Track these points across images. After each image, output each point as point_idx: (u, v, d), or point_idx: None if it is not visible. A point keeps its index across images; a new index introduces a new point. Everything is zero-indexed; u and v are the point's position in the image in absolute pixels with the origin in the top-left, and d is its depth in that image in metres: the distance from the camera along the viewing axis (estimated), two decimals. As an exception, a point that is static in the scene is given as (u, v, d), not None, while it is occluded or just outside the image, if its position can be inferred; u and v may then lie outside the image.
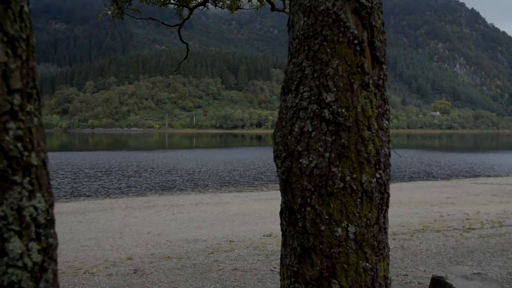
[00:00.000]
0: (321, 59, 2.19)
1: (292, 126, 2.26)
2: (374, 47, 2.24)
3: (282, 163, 2.30)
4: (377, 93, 2.25)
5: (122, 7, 10.75)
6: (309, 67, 2.22)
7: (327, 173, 2.15)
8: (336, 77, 2.16)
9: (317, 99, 2.19)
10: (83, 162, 42.58)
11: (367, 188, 2.18)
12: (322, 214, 2.15)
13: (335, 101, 2.16)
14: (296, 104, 2.25)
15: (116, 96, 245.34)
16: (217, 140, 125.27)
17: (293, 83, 2.30)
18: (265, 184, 28.55)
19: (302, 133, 2.20)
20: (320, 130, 2.17)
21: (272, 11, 11.75)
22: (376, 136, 2.21)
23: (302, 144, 2.20)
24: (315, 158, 2.17)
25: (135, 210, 18.03)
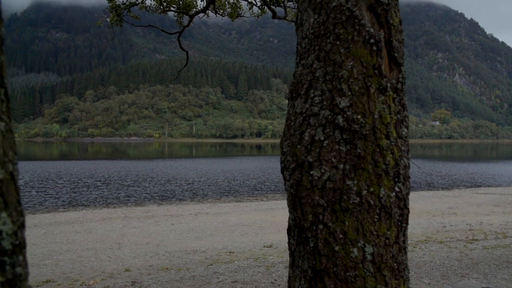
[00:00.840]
0: (333, 60, 1.98)
1: (302, 134, 2.04)
2: (392, 47, 2.04)
3: (290, 175, 2.08)
4: (396, 98, 2.04)
5: (121, 14, 10.58)
6: (320, 69, 2.01)
7: (341, 186, 1.93)
8: (350, 80, 1.95)
9: (329, 104, 1.97)
10: (82, 171, 42.32)
11: (385, 203, 1.96)
12: (336, 233, 1.93)
13: (349, 107, 1.95)
14: (306, 109, 2.04)
15: (116, 105, 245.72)
16: (216, 149, 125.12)
17: (302, 87, 2.09)
18: (265, 194, 28.31)
19: (313, 142, 1.99)
20: (333, 139, 1.96)
21: (273, 19, 11.59)
22: (395, 145, 2.00)
23: (313, 154, 1.99)
24: (327, 170, 1.95)
25: (134, 220, 17.83)
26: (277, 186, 32.52)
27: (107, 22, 11.14)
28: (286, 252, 10.95)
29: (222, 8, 12.22)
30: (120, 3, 10.53)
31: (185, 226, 16.01)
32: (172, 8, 11.67)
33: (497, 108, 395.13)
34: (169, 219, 17.79)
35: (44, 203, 23.70)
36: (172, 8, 11.63)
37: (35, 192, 27.64)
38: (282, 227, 15.49)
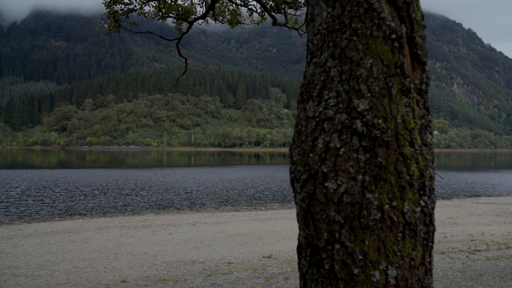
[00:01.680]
0: (350, 58, 1.77)
1: (315, 141, 1.82)
2: (415, 44, 1.82)
3: (302, 187, 1.85)
4: (420, 101, 1.82)
5: (119, 21, 10.39)
6: (335, 67, 1.79)
7: (360, 200, 1.71)
8: (370, 79, 1.74)
9: (346, 107, 1.75)
10: (79, 180, 42.09)
11: (410, 219, 1.73)
12: (354, 253, 1.70)
13: (369, 110, 1.73)
14: (320, 113, 1.82)
15: (114, 114, 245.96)
16: (215, 158, 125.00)
17: (314, 88, 1.86)
18: (264, 203, 28.12)
19: (328, 150, 1.77)
20: (351, 146, 1.74)
21: (273, 26, 11.42)
22: (420, 153, 1.77)
23: (327, 164, 1.76)
24: (344, 182, 1.73)
25: (131, 229, 17.64)
26: (276, 195, 32.33)
27: (105, 29, 10.96)
28: (286, 263, 10.78)
29: (221, 15, 12.05)
30: (118, 9, 10.35)
31: (183, 236, 15.86)
32: (171, 15, 11.51)
33: (495, 117, 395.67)
34: (166, 229, 17.62)
35: (41, 212, 23.44)
36: (171, 14, 11.46)
37: (32, 200, 27.38)
38: (281, 237, 15.35)
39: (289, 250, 12.69)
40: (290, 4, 11.41)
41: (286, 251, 12.52)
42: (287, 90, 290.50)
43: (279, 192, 34.34)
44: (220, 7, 11.91)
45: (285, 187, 37.55)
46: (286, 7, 11.49)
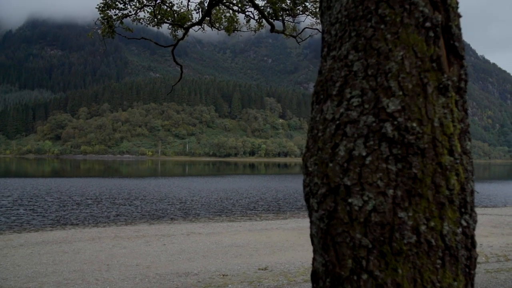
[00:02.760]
0: (377, 49, 1.48)
1: (335, 148, 1.52)
2: (451, 34, 1.54)
3: (319, 204, 1.55)
4: (459, 101, 1.53)
5: (113, 26, 10.13)
6: (359, 61, 1.50)
7: (391, 220, 1.41)
8: (401, 75, 1.45)
9: (373, 108, 1.46)
10: (73, 189, 41.68)
11: (450, 242, 1.43)
12: (385, 285, 1.39)
13: (401, 111, 1.44)
14: (341, 115, 1.52)
15: (109, 123, 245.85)
16: (210, 168, 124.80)
17: (334, 85, 1.57)
18: (259, 214, 27.86)
19: (351, 159, 1.47)
20: (379, 155, 1.44)
21: (271, 32, 11.19)
22: (460, 163, 1.47)
23: (351, 176, 1.47)
24: (372, 198, 1.43)
25: (124, 240, 17.34)
26: (271, 205, 32.06)
27: (99, 35, 10.69)
28: (282, 275, 10.56)
29: (218, 21, 11.82)
30: (112, 14, 10.09)
31: (177, 247, 15.58)
32: (167, 21, 11.26)
33: (489, 128, 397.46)
34: (160, 239, 17.33)
35: (32, 222, 23.03)
36: (167, 21, 11.21)
37: (23, 210, 26.96)
38: (277, 248, 15.13)
39: (285, 261, 12.48)
40: (288, 11, 11.20)
41: (282, 263, 12.31)
42: (282, 100, 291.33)
43: (274, 202, 34.07)
44: (216, 14, 11.68)
45: (280, 197, 37.28)
46: (284, 14, 11.27)
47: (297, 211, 29.39)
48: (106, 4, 9.60)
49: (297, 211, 29.39)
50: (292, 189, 46.31)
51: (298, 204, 32.97)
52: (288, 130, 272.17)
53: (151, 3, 10.39)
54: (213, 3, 9.83)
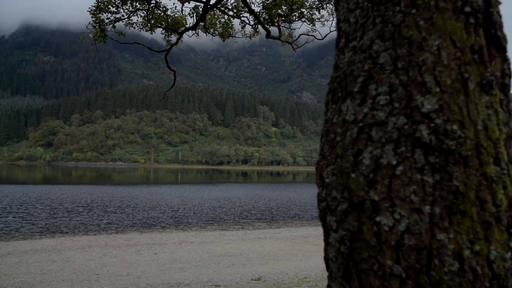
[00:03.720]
0: (408, 38, 1.23)
1: (358, 155, 1.26)
2: (492, 22, 1.30)
3: (339, 222, 1.28)
4: (503, 100, 1.28)
5: (105, 30, 9.88)
6: (386, 52, 1.25)
7: (428, 243, 1.14)
8: (438, 68, 1.20)
9: (405, 107, 1.21)
10: (63, 196, 41.26)
11: (498, 270, 1.15)
12: (424, 324, 1.15)
13: (439, 111, 1.18)
14: (365, 116, 1.26)
15: (102, 130, 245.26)
16: (202, 176, 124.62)
17: (355, 81, 1.32)
18: (251, 223, 27.64)
19: (379, 169, 1.21)
20: (413, 163, 1.18)
21: (267, 38, 10.99)
22: (507, 175, 1.23)
23: (379, 189, 1.20)
24: (405, 216, 1.17)
25: (115, 248, 17.08)
26: (264, 214, 31.81)
27: (90, 39, 10.44)
28: (275, 286, 10.38)
29: (212, 27, 11.61)
30: (104, 18, 9.85)
31: (169, 256, 15.34)
32: (160, 26, 11.03)
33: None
34: (152, 248, 17.09)
35: (21, 230, 22.64)
36: (160, 25, 10.99)
37: (12, 217, 26.54)
38: (270, 258, 14.94)
39: (278, 272, 12.30)
40: (284, 17, 11.01)
41: (276, 273, 12.13)
42: (276, 109, 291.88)
43: (266, 211, 33.82)
44: (211, 19, 11.47)
45: (272, 206, 37.04)
46: (280, 20, 11.08)
47: (290, 220, 29.17)
48: (98, 8, 9.37)
49: (290, 220, 29.17)
50: (284, 197, 46.11)
51: (291, 213, 32.74)
52: (281, 139, 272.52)
53: (144, 7, 10.17)
54: (208, 8, 9.62)
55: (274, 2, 10.32)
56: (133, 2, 9.67)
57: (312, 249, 16.93)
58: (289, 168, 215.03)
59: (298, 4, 10.87)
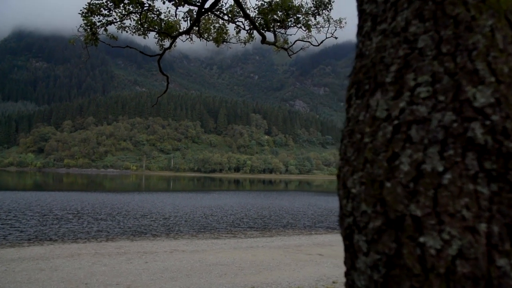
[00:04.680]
0: (454, 17, 1.00)
1: (394, 160, 1.00)
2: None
3: (371, 243, 1.01)
4: None
5: (96, 33, 9.64)
6: (426, 34, 1.01)
7: (486, 271, 0.89)
8: (492, 53, 0.97)
9: (452, 101, 0.96)
10: (54, 203, 40.82)
11: None
12: None
13: (495, 105, 0.94)
14: (401, 112, 1.01)
15: (93, 136, 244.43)
16: (194, 183, 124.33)
17: (387, 70, 1.07)
18: (243, 231, 27.41)
19: (421, 177, 0.95)
20: (464, 170, 0.93)
21: (262, 44, 10.80)
22: None
23: (422, 202, 0.94)
24: (456, 236, 0.90)
25: (105, 257, 16.79)
26: (256, 222, 31.57)
27: (82, 42, 10.20)
28: (268, 297, 10.15)
29: (207, 32, 11.40)
30: (96, 21, 9.61)
31: (160, 265, 15.08)
32: (153, 29, 10.80)
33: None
34: (142, 257, 16.81)
35: (8, 237, 22.22)
36: (154, 29, 10.76)
37: (0, 224, 26.12)
38: (263, 267, 14.72)
39: (271, 282, 12.09)
40: (279, 22, 10.82)
41: (269, 283, 11.93)
42: (268, 117, 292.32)
43: (259, 219, 33.58)
44: (205, 24, 11.27)
45: (265, 214, 36.79)
46: (275, 25, 10.90)
47: (282, 228, 28.95)
48: (89, 10, 9.13)
49: (282, 228, 28.95)
50: (277, 206, 45.89)
51: (283, 221, 32.50)
52: (274, 147, 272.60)
53: (137, 10, 9.94)
54: (202, 12, 9.41)
55: (270, 7, 10.13)
56: (126, 5, 9.43)
57: (305, 258, 16.73)
58: (281, 176, 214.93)
59: (294, 10, 10.70)
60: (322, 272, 13.93)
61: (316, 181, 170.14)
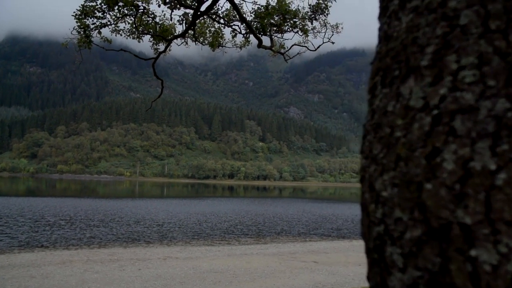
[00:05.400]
0: None
1: (434, 156, 0.80)
2: None
3: (409, 257, 0.77)
4: None
5: (90, 36, 9.46)
6: (469, 9, 0.84)
7: None
8: None
9: (505, 86, 0.79)
10: (46, 209, 40.47)
11: None
12: None
13: None
14: (442, 99, 0.82)
15: (87, 142, 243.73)
16: (188, 190, 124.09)
17: (421, 53, 0.90)
18: (237, 238, 27.25)
19: (469, 176, 0.77)
20: None
21: (258, 48, 10.67)
22: None
23: (471, 207, 0.75)
24: None
25: (97, 264, 16.61)
26: (250, 229, 31.39)
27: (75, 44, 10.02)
28: (263, 305, 9.99)
29: (202, 36, 11.26)
30: (89, 23, 9.44)
31: (153, 272, 14.92)
32: (148, 33, 10.64)
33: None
34: (135, 264, 16.64)
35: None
36: (148, 32, 10.60)
37: (-9, 230, 25.84)
38: (257, 275, 14.59)
39: (266, 290, 11.94)
40: (276, 26, 10.70)
41: (263, 292, 11.75)
42: (263, 124, 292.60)
43: (253, 226, 33.41)
44: (201, 28, 11.13)
45: (259, 221, 36.61)
46: (272, 29, 10.77)
47: (276, 235, 28.78)
48: (83, 12, 8.96)
49: (276, 235, 28.78)
50: (271, 212, 45.73)
51: (277, 228, 32.32)
52: (268, 153, 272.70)
53: (132, 13, 9.78)
54: (198, 15, 9.27)
55: (266, 11, 10.01)
56: (121, 7, 9.27)
57: (300, 265, 16.59)
58: (275, 183, 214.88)
59: (291, 14, 10.59)
60: (317, 280, 13.79)
61: (310, 188, 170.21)
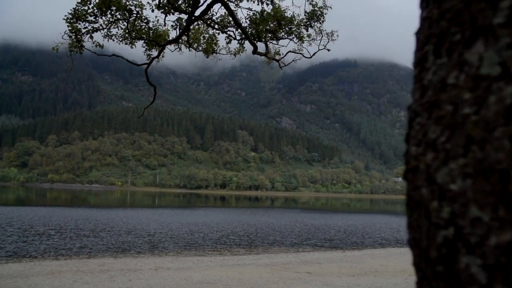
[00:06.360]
0: None
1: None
2: None
3: (494, 270, 0.60)
4: None
5: (81, 40, 9.26)
6: None
7: None
8: None
9: None
10: (35, 219, 40.04)
11: None
12: None
13: None
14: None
15: (78, 151, 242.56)
16: (180, 199, 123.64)
17: (491, 9, 0.71)
18: (229, 248, 27.02)
19: None
20: None
21: (253, 54, 10.51)
22: None
23: None
24: None
25: (87, 274, 16.31)
26: (242, 239, 31.15)
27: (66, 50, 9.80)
28: (257, 318, 9.75)
29: (196, 42, 11.09)
30: (81, 27, 9.24)
31: (144, 283, 14.63)
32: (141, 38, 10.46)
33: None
34: (126, 274, 16.35)
35: (-15, 254, 21.57)
36: (142, 37, 10.41)
37: (-22, 240, 25.43)
38: (250, 286, 14.36)
39: (259, 301, 11.71)
40: (271, 33, 10.55)
41: (257, 304, 11.52)
42: (255, 134, 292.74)
43: (245, 236, 33.17)
44: (195, 34, 10.96)
45: (251, 232, 36.37)
46: (267, 36, 10.62)
47: (269, 246, 28.56)
48: (74, 16, 8.76)
49: (269, 246, 28.56)
50: (263, 223, 45.48)
51: (270, 238, 32.10)
52: (260, 164, 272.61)
53: (125, 17, 9.59)
54: (192, 20, 9.10)
55: (262, 17, 9.86)
56: (113, 11, 9.08)
57: (293, 276, 16.37)
58: (267, 193, 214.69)
59: (287, 21, 10.45)
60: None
61: (302, 198, 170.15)
